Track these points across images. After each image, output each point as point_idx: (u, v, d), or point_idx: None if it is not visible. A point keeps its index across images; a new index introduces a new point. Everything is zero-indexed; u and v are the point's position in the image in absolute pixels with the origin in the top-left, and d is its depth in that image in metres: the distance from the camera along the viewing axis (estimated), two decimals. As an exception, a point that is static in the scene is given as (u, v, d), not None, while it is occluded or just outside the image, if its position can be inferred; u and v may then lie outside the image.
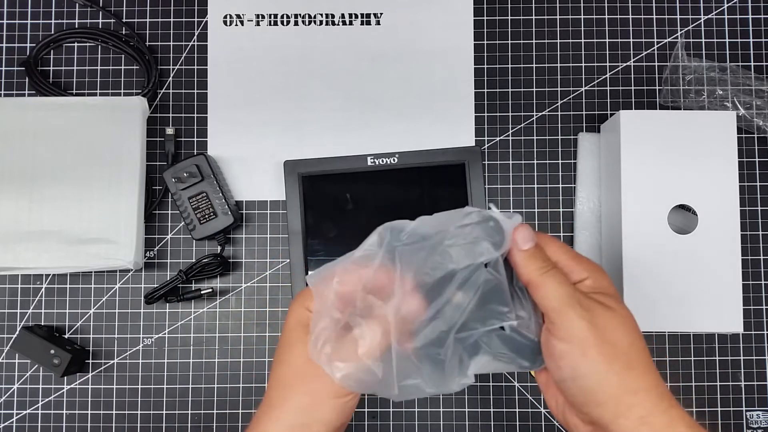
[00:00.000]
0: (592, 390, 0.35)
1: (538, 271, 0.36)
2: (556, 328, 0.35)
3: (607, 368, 0.34)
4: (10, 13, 0.67)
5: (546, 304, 0.36)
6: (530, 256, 0.36)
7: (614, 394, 0.34)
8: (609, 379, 0.34)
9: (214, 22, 0.67)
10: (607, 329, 0.35)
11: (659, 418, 0.34)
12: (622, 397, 0.34)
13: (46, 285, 0.64)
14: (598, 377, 0.34)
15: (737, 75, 0.64)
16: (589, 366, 0.34)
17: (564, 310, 0.35)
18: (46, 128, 0.62)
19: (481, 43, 0.67)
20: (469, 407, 0.63)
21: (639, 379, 0.34)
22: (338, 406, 0.36)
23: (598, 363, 0.34)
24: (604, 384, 0.34)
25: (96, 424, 0.63)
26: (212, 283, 0.64)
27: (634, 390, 0.34)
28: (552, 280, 0.36)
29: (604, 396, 0.34)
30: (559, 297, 0.35)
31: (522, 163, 0.65)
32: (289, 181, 0.62)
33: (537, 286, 0.36)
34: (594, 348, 0.34)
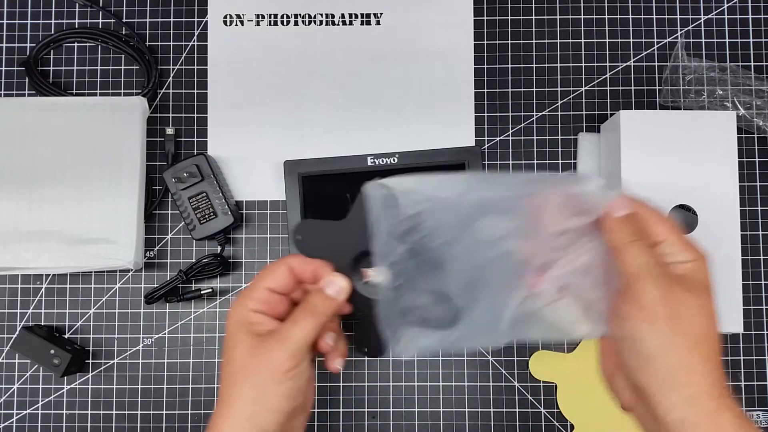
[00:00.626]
0: (649, 356, 0.35)
1: (624, 239, 0.37)
2: (630, 290, 0.36)
3: (671, 341, 0.35)
4: (10, 13, 0.67)
5: (625, 270, 0.37)
6: (620, 223, 0.38)
7: (670, 366, 0.35)
8: (670, 352, 0.35)
9: (214, 22, 0.67)
10: (683, 308, 0.36)
11: (708, 402, 0.34)
12: (678, 372, 0.35)
13: (46, 285, 0.64)
14: (660, 346, 0.35)
15: (737, 75, 0.64)
16: (654, 334, 0.35)
17: (641, 277, 0.36)
18: (46, 128, 0.62)
19: (481, 43, 0.67)
20: (469, 407, 0.63)
21: (700, 362, 0.35)
22: (283, 391, 0.38)
23: (664, 334, 0.35)
24: (663, 355, 0.35)
25: (96, 424, 0.63)
26: (212, 283, 0.64)
27: (691, 370, 0.35)
28: (636, 249, 0.37)
29: (660, 366, 0.35)
30: (638, 265, 0.36)
31: (522, 163, 0.65)
32: (289, 181, 0.62)
33: (620, 252, 0.37)
34: (663, 319, 0.35)
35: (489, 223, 0.39)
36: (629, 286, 0.37)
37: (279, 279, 0.41)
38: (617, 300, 0.38)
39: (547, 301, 0.39)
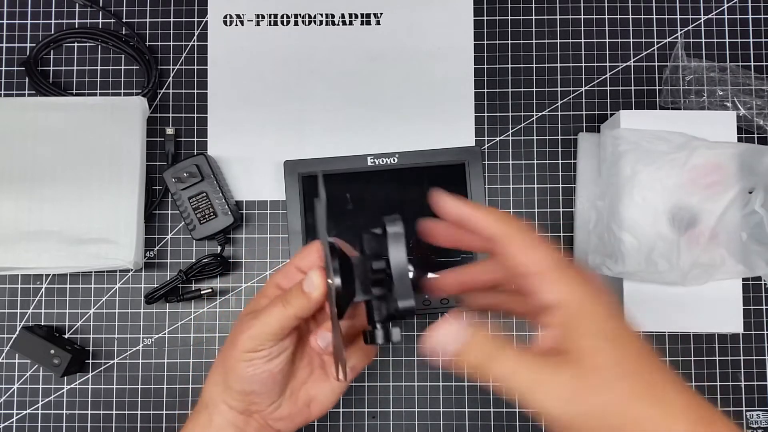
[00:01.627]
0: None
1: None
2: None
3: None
4: (10, 13, 0.67)
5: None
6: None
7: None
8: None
9: (214, 22, 0.67)
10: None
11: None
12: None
13: (46, 285, 0.64)
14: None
15: (737, 75, 0.64)
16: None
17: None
18: (46, 128, 0.62)
19: (481, 43, 0.67)
20: (469, 407, 0.63)
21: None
22: (241, 370, 0.39)
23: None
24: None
25: (96, 424, 0.63)
26: (212, 283, 0.64)
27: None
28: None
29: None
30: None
31: (522, 163, 0.65)
32: (289, 181, 0.62)
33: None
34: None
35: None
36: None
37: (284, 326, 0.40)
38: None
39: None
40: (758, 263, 0.56)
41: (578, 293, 0.31)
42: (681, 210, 0.56)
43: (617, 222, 0.57)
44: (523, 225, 0.33)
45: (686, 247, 0.56)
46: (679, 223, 0.56)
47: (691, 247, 0.56)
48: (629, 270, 0.56)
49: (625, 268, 0.56)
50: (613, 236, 0.57)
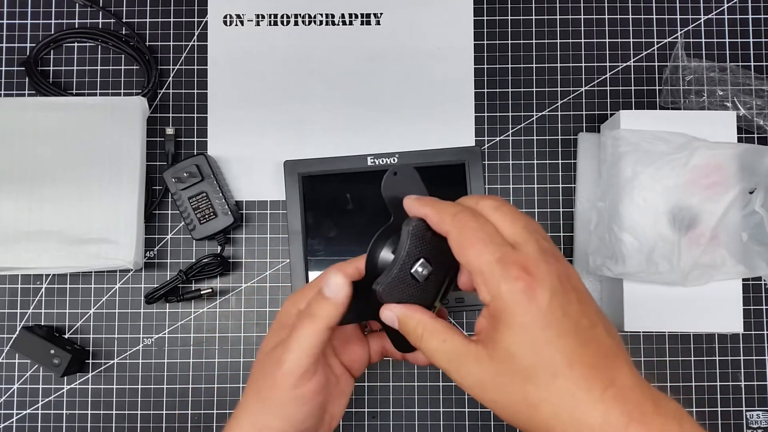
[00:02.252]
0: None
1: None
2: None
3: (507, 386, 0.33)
4: (10, 13, 0.67)
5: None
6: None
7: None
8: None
9: (214, 22, 0.67)
10: (503, 346, 0.34)
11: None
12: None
13: (46, 285, 0.64)
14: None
15: (737, 75, 0.64)
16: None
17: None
18: (46, 128, 0.62)
19: (481, 43, 0.67)
20: (469, 407, 0.63)
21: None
22: (291, 399, 0.37)
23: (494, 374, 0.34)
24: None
25: (96, 424, 0.63)
26: (212, 283, 0.64)
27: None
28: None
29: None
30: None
31: (522, 163, 0.65)
32: (289, 181, 0.62)
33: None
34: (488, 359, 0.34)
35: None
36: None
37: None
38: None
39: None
40: (759, 264, 0.56)
41: (506, 296, 0.31)
42: (681, 211, 0.56)
43: (618, 223, 0.57)
44: (472, 219, 0.34)
45: (687, 247, 0.56)
46: (679, 223, 0.56)
47: (691, 247, 0.56)
48: (630, 271, 0.56)
49: (626, 269, 0.56)
50: (614, 237, 0.57)
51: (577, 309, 0.32)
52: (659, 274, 0.55)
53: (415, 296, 0.37)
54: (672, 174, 0.56)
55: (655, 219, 0.56)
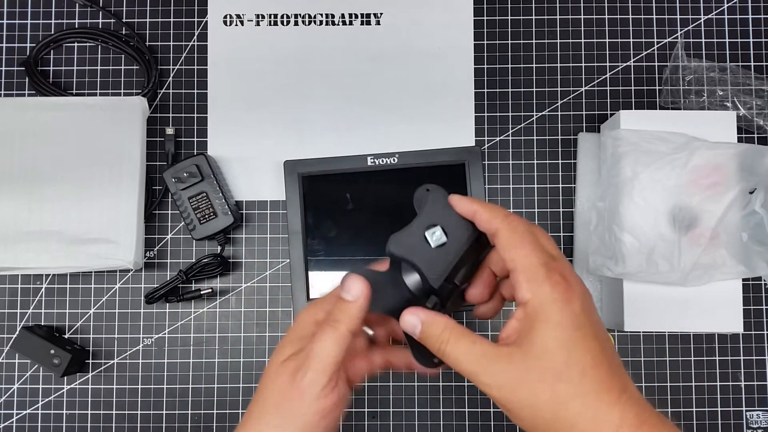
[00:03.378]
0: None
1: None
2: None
3: (534, 385, 0.35)
4: (10, 13, 0.67)
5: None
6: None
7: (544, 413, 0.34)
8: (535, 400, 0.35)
9: (214, 22, 0.67)
10: (538, 343, 0.35)
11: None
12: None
13: (46, 285, 0.64)
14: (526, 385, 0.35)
15: (737, 75, 0.64)
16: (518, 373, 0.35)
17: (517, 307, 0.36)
18: (46, 128, 0.62)
19: (481, 43, 0.67)
20: (469, 407, 0.63)
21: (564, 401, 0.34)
22: (316, 411, 0.36)
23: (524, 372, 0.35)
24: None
25: (96, 424, 0.63)
26: (212, 283, 0.64)
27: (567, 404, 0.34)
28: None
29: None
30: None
31: (522, 163, 0.65)
32: (289, 181, 0.62)
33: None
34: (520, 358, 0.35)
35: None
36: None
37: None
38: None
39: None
40: (759, 264, 0.56)
41: (547, 296, 0.34)
42: (681, 211, 0.56)
43: (618, 223, 0.57)
44: (521, 223, 0.36)
45: (687, 247, 0.56)
46: (679, 223, 0.56)
47: (691, 247, 0.56)
48: (630, 271, 0.56)
49: (626, 269, 0.56)
50: (614, 237, 0.57)
51: (597, 321, 0.35)
52: (659, 274, 0.55)
53: (423, 259, 0.37)
54: (672, 174, 0.56)
55: (655, 219, 0.56)
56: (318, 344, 0.37)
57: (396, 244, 0.38)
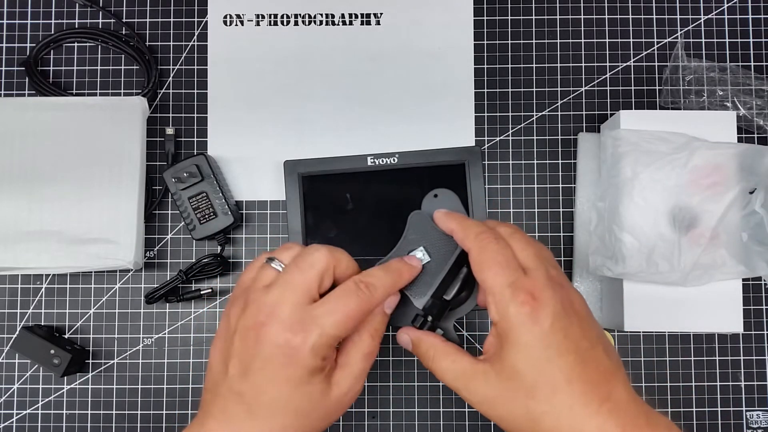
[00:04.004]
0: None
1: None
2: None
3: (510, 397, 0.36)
4: (10, 13, 0.67)
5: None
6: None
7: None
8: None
9: (214, 22, 0.67)
10: (510, 359, 0.37)
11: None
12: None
13: (46, 285, 0.64)
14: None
15: (737, 75, 0.64)
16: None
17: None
18: (46, 128, 0.62)
19: (481, 43, 0.67)
20: (468, 407, 0.63)
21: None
22: (332, 415, 0.38)
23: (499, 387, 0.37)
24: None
25: (96, 424, 0.63)
26: (212, 283, 0.64)
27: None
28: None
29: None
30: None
31: (522, 163, 0.65)
32: (289, 181, 0.62)
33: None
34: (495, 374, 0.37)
35: None
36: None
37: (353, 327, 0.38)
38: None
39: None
40: (759, 264, 0.56)
41: (513, 318, 0.35)
42: (682, 211, 0.56)
43: (618, 223, 0.57)
44: (492, 241, 0.37)
45: (687, 247, 0.56)
46: (679, 223, 0.56)
47: (691, 247, 0.56)
48: (630, 271, 0.56)
49: (626, 269, 0.56)
50: (614, 237, 0.57)
51: (578, 331, 0.35)
52: (659, 274, 0.55)
53: (411, 282, 0.40)
54: (672, 174, 0.56)
55: (655, 219, 0.56)
56: (362, 355, 0.38)
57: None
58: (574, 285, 0.63)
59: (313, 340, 0.35)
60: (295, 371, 0.35)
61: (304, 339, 0.35)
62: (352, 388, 0.38)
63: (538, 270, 0.36)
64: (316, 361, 0.36)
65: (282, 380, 0.35)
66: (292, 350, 0.35)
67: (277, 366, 0.35)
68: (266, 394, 0.35)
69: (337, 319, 0.36)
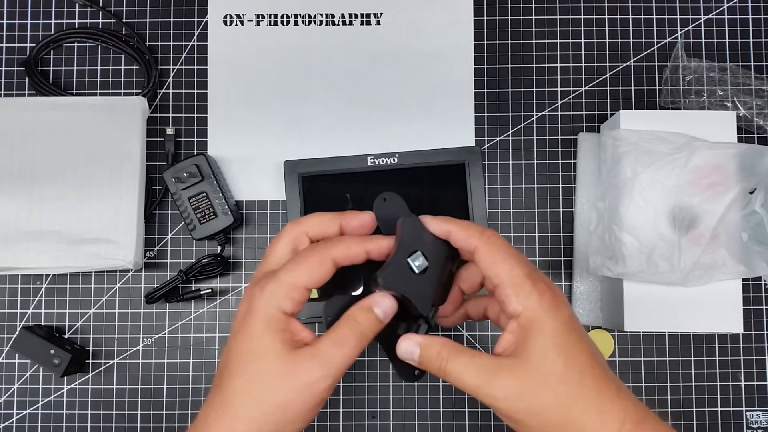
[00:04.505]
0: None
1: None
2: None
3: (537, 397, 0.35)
4: (10, 13, 0.67)
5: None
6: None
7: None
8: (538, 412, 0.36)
9: (214, 22, 0.67)
10: (535, 354, 0.37)
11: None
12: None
13: (46, 285, 0.64)
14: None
15: (737, 75, 0.64)
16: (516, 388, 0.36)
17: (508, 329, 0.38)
18: (46, 128, 0.62)
19: (481, 43, 0.67)
20: (469, 407, 0.63)
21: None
22: (308, 413, 0.35)
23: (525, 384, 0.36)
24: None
25: (96, 424, 0.63)
26: (212, 283, 0.64)
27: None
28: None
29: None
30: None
31: (522, 163, 0.65)
32: (289, 181, 0.62)
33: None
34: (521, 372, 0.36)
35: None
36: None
37: (324, 278, 0.36)
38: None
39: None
40: (759, 264, 0.56)
41: (537, 306, 0.35)
42: (682, 211, 0.56)
43: (618, 223, 0.57)
44: (498, 238, 0.37)
45: (687, 247, 0.56)
46: (679, 223, 0.56)
47: (691, 247, 0.56)
48: (630, 271, 0.56)
49: (626, 269, 0.56)
50: (614, 237, 0.57)
51: (580, 323, 0.37)
52: (659, 274, 0.55)
53: (414, 288, 0.38)
54: (672, 174, 0.56)
55: (655, 219, 0.56)
56: (343, 352, 0.36)
57: (388, 281, 0.38)
58: (574, 285, 0.63)
59: (270, 287, 0.36)
60: (253, 323, 0.35)
61: (261, 287, 0.36)
62: (324, 379, 0.35)
63: (537, 270, 0.37)
64: (271, 310, 0.35)
65: (243, 338, 0.36)
66: (249, 300, 0.36)
67: (238, 326, 0.36)
68: (232, 363, 0.36)
69: (289, 265, 0.36)
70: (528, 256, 0.64)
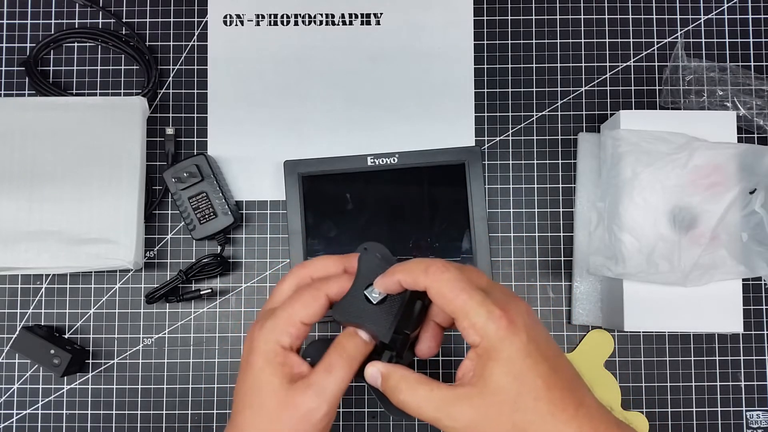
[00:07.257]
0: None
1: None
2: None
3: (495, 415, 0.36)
4: (10, 13, 0.67)
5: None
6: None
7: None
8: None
9: (214, 22, 0.67)
10: (493, 380, 0.36)
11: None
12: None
13: (46, 285, 0.64)
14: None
15: (737, 75, 0.64)
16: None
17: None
18: (46, 128, 0.62)
19: (481, 43, 0.67)
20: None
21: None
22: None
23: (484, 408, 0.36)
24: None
25: (96, 424, 0.63)
26: (212, 283, 0.64)
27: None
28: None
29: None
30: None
31: (522, 163, 0.65)
32: (289, 181, 0.62)
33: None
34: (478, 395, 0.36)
35: None
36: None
37: (318, 312, 0.39)
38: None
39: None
40: (759, 264, 0.56)
41: (493, 334, 0.35)
42: (682, 211, 0.57)
43: (618, 223, 0.57)
44: (443, 270, 0.37)
45: (687, 247, 0.56)
46: (679, 223, 0.56)
47: (691, 247, 0.56)
48: (630, 271, 0.56)
49: (626, 269, 0.56)
50: (614, 237, 0.57)
51: (544, 340, 0.36)
52: (659, 274, 0.55)
53: (368, 317, 0.39)
54: (672, 174, 0.56)
55: (655, 219, 0.57)
56: (334, 378, 0.38)
57: (340, 313, 0.39)
58: (574, 285, 0.63)
59: (268, 324, 0.38)
60: (254, 359, 0.38)
61: (261, 325, 0.39)
62: (320, 407, 0.37)
63: (493, 288, 0.37)
64: (269, 345, 0.38)
65: (247, 375, 0.39)
66: (251, 338, 0.39)
67: (242, 361, 0.39)
68: (238, 397, 0.39)
69: (286, 302, 0.39)
70: (528, 256, 0.64)
